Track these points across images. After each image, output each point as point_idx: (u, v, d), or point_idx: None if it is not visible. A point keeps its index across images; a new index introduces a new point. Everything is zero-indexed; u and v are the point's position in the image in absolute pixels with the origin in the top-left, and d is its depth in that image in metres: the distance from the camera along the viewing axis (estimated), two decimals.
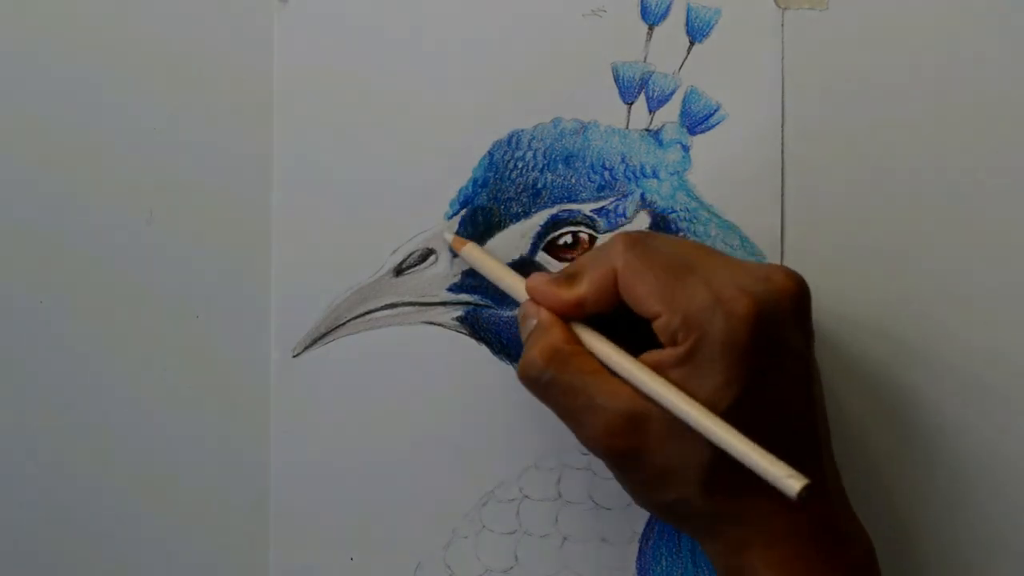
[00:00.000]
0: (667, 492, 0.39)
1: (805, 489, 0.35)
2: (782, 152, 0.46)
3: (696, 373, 0.37)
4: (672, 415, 0.37)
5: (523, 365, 0.40)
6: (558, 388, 0.39)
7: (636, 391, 0.38)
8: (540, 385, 0.40)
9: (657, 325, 0.38)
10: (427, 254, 0.46)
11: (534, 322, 0.41)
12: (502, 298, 0.46)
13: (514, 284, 0.43)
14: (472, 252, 0.45)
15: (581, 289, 0.40)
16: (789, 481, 0.35)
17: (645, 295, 0.38)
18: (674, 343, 0.38)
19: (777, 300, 0.38)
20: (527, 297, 0.42)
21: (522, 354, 0.41)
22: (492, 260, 0.44)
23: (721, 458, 0.37)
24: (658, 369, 0.38)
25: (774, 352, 0.38)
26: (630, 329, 0.40)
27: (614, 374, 0.39)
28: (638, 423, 0.38)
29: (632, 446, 0.38)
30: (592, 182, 0.46)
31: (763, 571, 0.38)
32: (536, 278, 0.42)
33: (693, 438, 0.37)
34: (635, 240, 0.40)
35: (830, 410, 0.42)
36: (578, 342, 0.40)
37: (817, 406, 0.40)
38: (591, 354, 0.40)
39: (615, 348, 0.40)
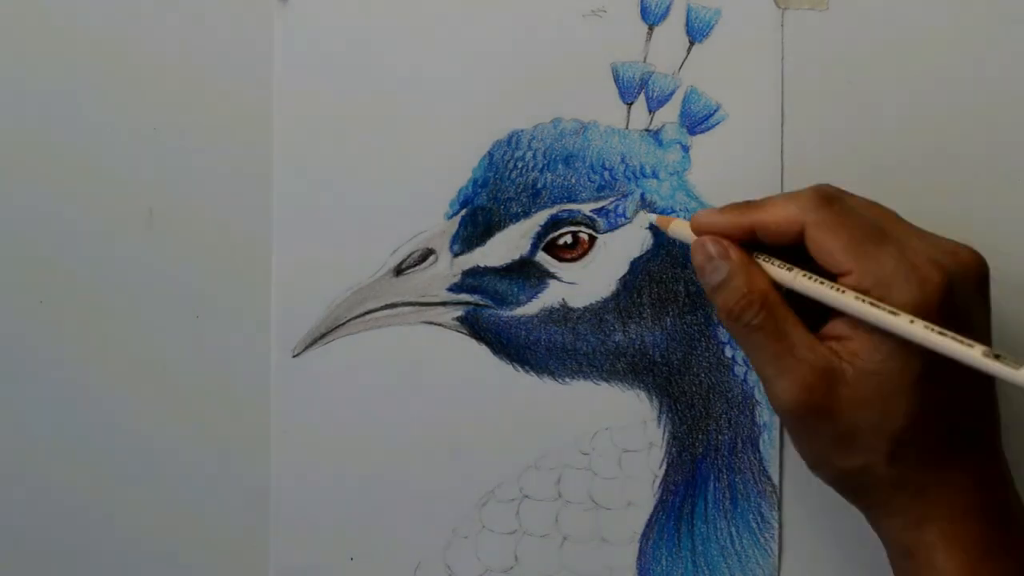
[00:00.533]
0: (853, 457, 0.39)
1: None
2: (782, 152, 0.46)
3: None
4: (868, 375, 0.37)
5: (729, 304, 0.40)
6: (764, 332, 0.39)
7: (834, 351, 0.38)
8: (746, 326, 0.40)
9: (846, 282, 0.38)
10: (427, 254, 0.46)
11: (726, 265, 0.40)
12: (502, 298, 0.46)
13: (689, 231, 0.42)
14: (679, 228, 0.43)
15: (761, 217, 0.40)
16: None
17: (838, 250, 0.39)
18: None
19: (964, 274, 0.39)
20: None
21: (722, 292, 0.40)
22: (677, 220, 0.44)
23: (912, 425, 0.37)
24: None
25: (960, 324, 0.38)
26: None
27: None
28: (834, 380, 0.38)
29: (825, 403, 0.38)
30: (592, 182, 0.46)
31: (942, 549, 0.38)
32: (700, 213, 0.42)
33: (884, 409, 0.38)
34: (831, 197, 0.40)
35: None
36: (773, 285, 0.40)
37: (996, 385, 0.40)
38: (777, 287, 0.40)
39: (832, 285, 0.39)
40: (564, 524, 0.46)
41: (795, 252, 0.40)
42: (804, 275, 0.40)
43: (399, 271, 0.46)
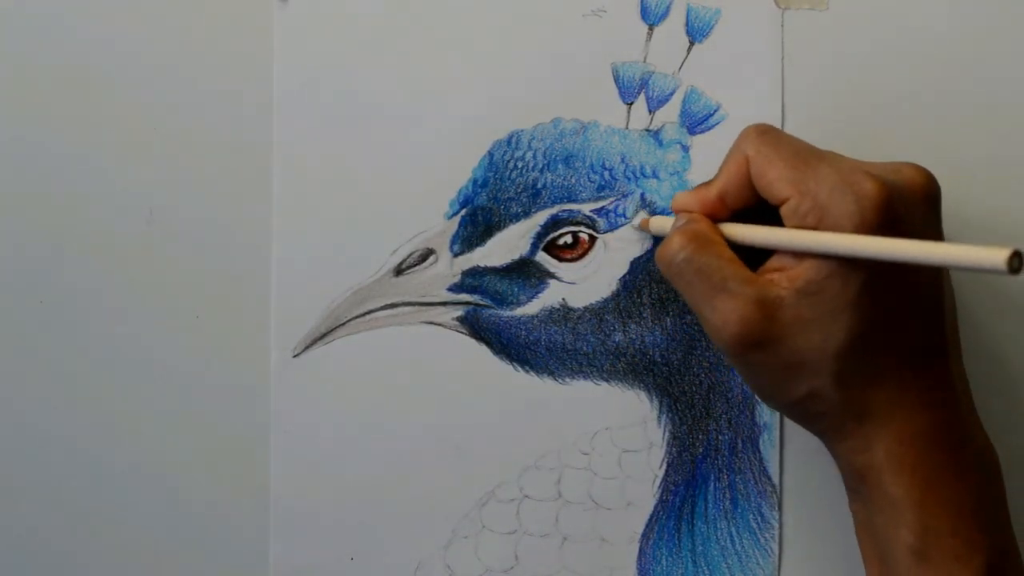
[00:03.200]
0: (799, 385, 0.39)
1: (1015, 257, 0.31)
2: None
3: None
4: (807, 296, 0.37)
5: (662, 245, 0.41)
6: (692, 267, 0.39)
7: (771, 281, 0.38)
8: (675, 264, 0.40)
9: (786, 209, 0.38)
10: (427, 254, 0.46)
11: (682, 220, 0.41)
12: (502, 298, 0.46)
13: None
14: (659, 222, 0.44)
15: (719, 182, 0.41)
16: (990, 254, 0.32)
17: (775, 179, 0.39)
18: (803, 227, 0.38)
19: (907, 188, 0.38)
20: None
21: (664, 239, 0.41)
22: (668, 219, 0.44)
23: (856, 343, 0.37)
24: None
25: (905, 237, 0.37)
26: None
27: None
28: (771, 310, 0.38)
29: (764, 333, 0.38)
30: (592, 182, 0.46)
31: (888, 471, 0.38)
32: (680, 193, 0.42)
33: (826, 328, 0.37)
34: (766, 128, 0.40)
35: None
36: (721, 235, 0.40)
37: (947, 304, 0.40)
38: (732, 244, 0.40)
39: (757, 227, 0.40)
40: (564, 524, 0.46)
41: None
42: (734, 224, 0.40)
43: (399, 271, 0.46)
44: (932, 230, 0.39)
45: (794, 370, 0.38)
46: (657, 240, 0.46)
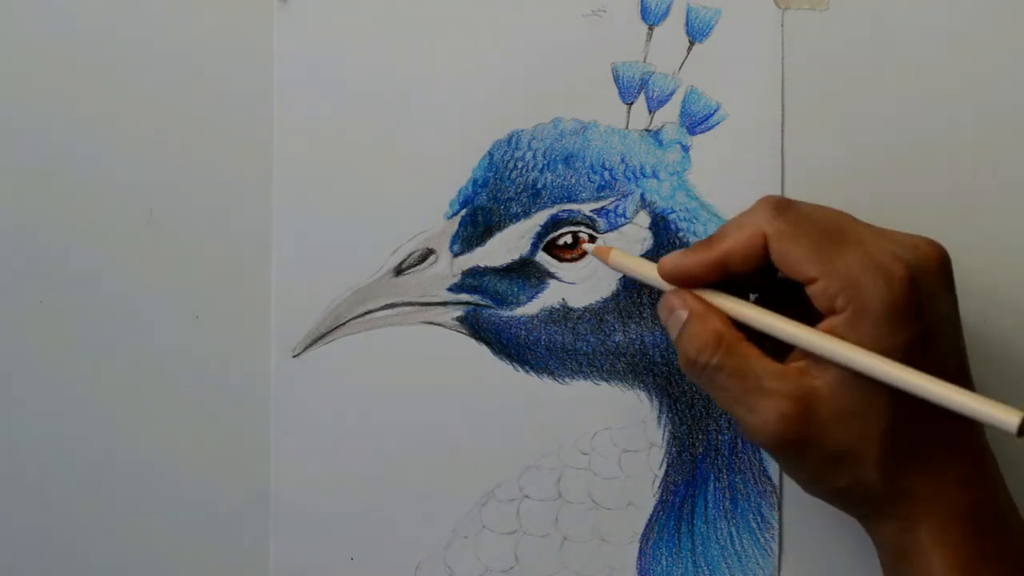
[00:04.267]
0: (841, 476, 0.38)
1: None
2: (782, 152, 0.46)
3: (863, 337, 0.37)
4: (844, 386, 0.37)
5: (687, 351, 0.40)
6: (724, 373, 0.39)
7: (804, 371, 0.38)
8: (706, 371, 0.39)
9: (814, 290, 0.38)
10: (427, 254, 0.46)
11: (684, 313, 0.40)
12: (502, 298, 0.46)
13: (657, 276, 0.42)
14: (619, 258, 0.44)
15: (725, 246, 0.40)
16: (1005, 416, 0.34)
17: (801, 259, 0.38)
18: (832, 309, 0.38)
19: (927, 267, 0.38)
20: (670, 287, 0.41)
21: (681, 340, 0.40)
22: (638, 260, 0.43)
23: (893, 429, 0.37)
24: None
25: (929, 316, 0.38)
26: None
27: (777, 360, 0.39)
28: (809, 404, 0.38)
29: (805, 431, 0.38)
30: (592, 182, 0.46)
31: (935, 551, 0.38)
32: (666, 258, 0.41)
33: (865, 416, 0.37)
34: (785, 205, 0.40)
35: None
36: (739, 327, 0.40)
37: (969, 373, 0.40)
38: (751, 337, 0.39)
39: (784, 319, 0.39)
40: (564, 524, 0.46)
41: (770, 278, 0.40)
42: (757, 308, 0.39)
43: (399, 271, 0.46)
44: (950, 307, 0.39)
45: (836, 461, 0.38)
46: (659, 238, 0.46)
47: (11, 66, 0.47)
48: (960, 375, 0.39)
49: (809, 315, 0.39)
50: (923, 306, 0.37)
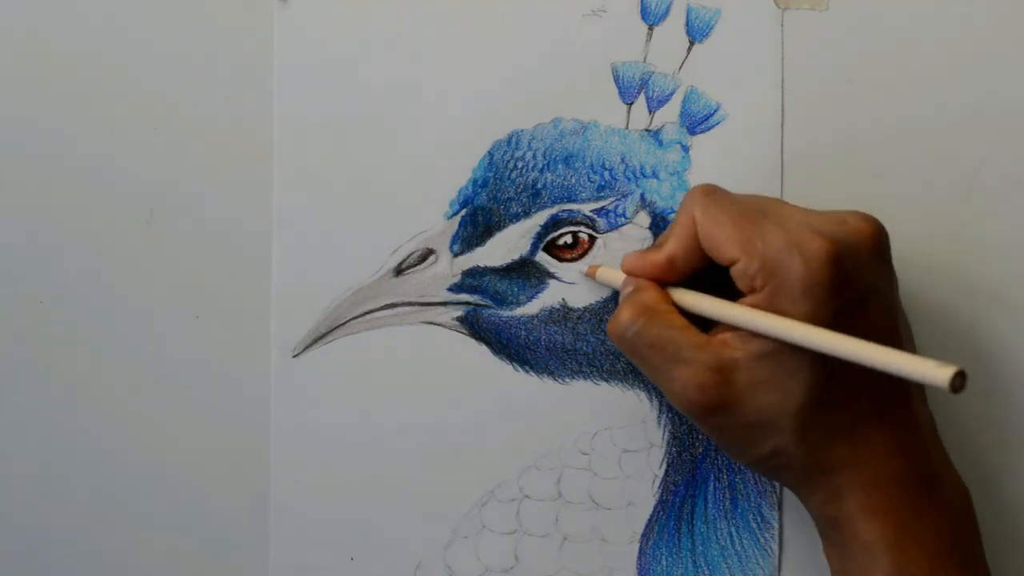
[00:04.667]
0: (763, 444, 0.39)
1: (958, 377, 0.32)
2: (782, 152, 0.46)
3: (782, 313, 0.37)
4: (764, 357, 0.37)
5: (613, 320, 0.41)
6: (645, 341, 0.39)
7: (726, 343, 0.38)
8: (627, 339, 0.40)
9: (735, 271, 0.39)
10: (427, 254, 0.46)
11: (629, 288, 0.41)
12: (502, 298, 0.46)
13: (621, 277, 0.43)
14: (605, 273, 0.45)
15: (668, 246, 0.41)
16: (936, 372, 0.32)
17: (723, 241, 0.39)
18: (752, 288, 0.38)
19: (854, 241, 0.38)
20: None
21: (617, 312, 0.41)
22: (616, 272, 0.44)
23: (813, 402, 0.37)
24: None
25: (857, 293, 0.38)
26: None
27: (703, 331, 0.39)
28: (727, 374, 0.38)
29: (723, 398, 0.38)
30: (592, 182, 0.46)
31: (860, 518, 0.38)
32: (628, 255, 0.42)
33: (785, 387, 0.38)
34: (711, 189, 0.40)
35: None
36: (670, 302, 0.40)
37: (906, 348, 0.40)
38: (682, 311, 0.40)
39: (707, 297, 0.40)
40: (564, 524, 0.46)
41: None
42: (684, 291, 0.40)
43: (399, 271, 0.46)
44: (882, 280, 0.39)
45: (756, 429, 0.39)
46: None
47: (11, 66, 0.47)
48: (891, 345, 0.39)
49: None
50: (846, 280, 0.37)
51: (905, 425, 0.39)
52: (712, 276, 0.41)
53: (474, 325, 0.46)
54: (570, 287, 0.46)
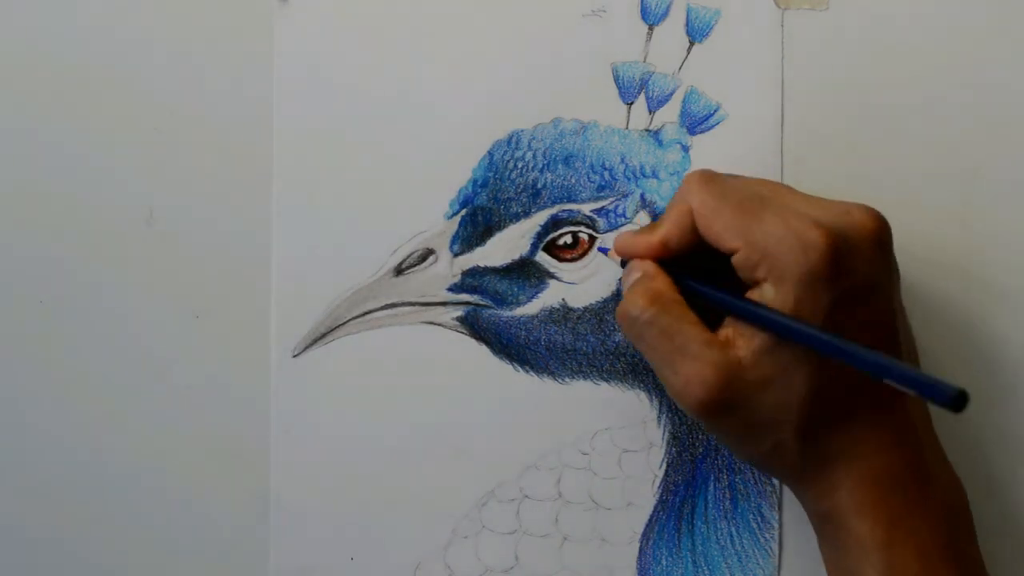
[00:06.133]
0: (763, 441, 0.39)
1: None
2: (782, 152, 0.46)
3: (784, 304, 0.37)
4: (766, 355, 0.38)
5: (624, 304, 0.40)
6: (655, 329, 0.39)
7: (730, 341, 0.38)
8: (637, 325, 0.40)
9: (736, 260, 0.39)
10: (427, 254, 0.46)
11: (638, 274, 0.41)
12: (502, 298, 0.46)
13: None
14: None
15: (662, 229, 0.41)
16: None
17: (722, 230, 0.39)
18: (755, 278, 0.38)
19: (855, 233, 0.38)
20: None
21: (625, 296, 0.41)
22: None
23: (813, 395, 0.38)
24: None
25: (856, 285, 0.38)
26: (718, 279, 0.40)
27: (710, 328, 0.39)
28: (731, 373, 0.38)
29: (726, 398, 0.38)
30: (592, 182, 0.46)
31: (852, 513, 0.38)
32: (621, 234, 0.42)
33: (786, 384, 0.38)
34: (709, 177, 0.40)
35: None
36: (679, 293, 0.40)
37: (904, 343, 0.40)
38: (688, 303, 0.40)
39: (714, 288, 0.40)
40: (564, 524, 0.46)
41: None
42: (691, 278, 0.40)
43: (399, 271, 0.46)
44: (882, 274, 0.39)
45: (757, 427, 0.39)
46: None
47: (11, 67, 0.47)
48: (889, 341, 0.39)
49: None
50: (844, 271, 0.37)
51: (901, 420, 0.39)
52: (715, 262, 0.40)
53: (474, 325, 0.46)
54: (570, 287, 0.46)
